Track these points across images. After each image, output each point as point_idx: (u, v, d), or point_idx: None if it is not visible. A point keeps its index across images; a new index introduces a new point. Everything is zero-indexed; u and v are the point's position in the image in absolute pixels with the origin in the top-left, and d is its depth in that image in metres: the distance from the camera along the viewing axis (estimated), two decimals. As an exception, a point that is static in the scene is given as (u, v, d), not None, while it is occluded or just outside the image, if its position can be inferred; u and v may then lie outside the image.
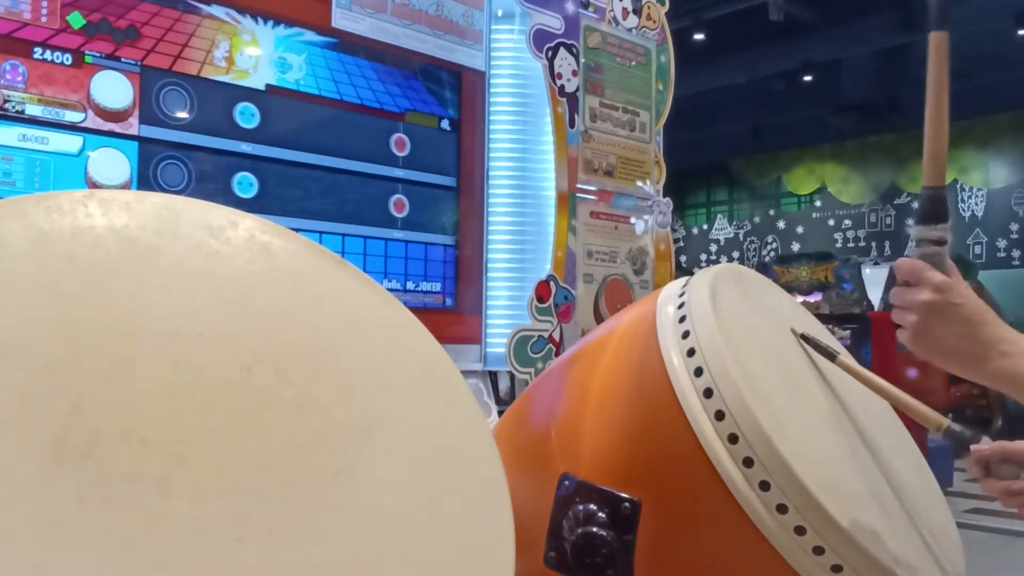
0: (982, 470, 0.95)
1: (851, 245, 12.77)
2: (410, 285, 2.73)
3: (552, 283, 2.88)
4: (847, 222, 13.01)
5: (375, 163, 2.66)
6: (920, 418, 1.03)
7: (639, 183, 3.21)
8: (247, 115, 2.39)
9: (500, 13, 2.93)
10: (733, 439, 0.91)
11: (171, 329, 0.75)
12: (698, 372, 0.95)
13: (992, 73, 9.23)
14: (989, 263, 11.11)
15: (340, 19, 2.56)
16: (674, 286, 1.12)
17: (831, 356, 1.14)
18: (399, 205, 2.71)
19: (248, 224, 0.86)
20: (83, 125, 2.10)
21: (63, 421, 0.65)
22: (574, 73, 2.98)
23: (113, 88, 2.15)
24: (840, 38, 9.18)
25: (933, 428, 1.00)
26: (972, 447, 0.95)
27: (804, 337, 1.17)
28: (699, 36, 8.75)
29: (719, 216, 14.55)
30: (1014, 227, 11.25)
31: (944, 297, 0.89)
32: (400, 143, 2.71)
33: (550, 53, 2.91)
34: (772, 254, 13.32)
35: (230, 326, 0.78)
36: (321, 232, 2.52)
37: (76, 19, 2.09)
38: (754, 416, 0.90)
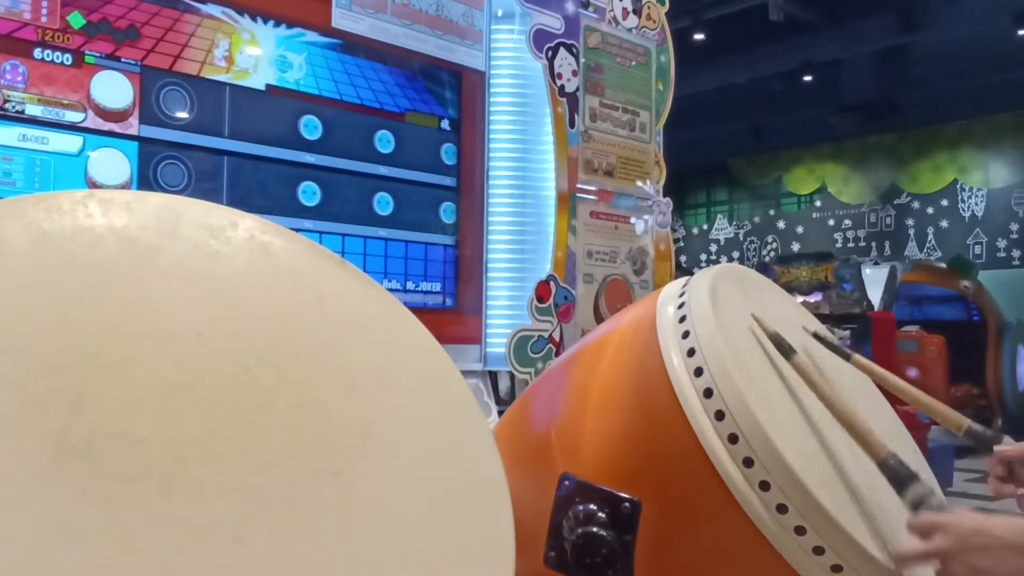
0: (1004, 470, 0.94)
1: (851, 245, 12.76)
2: (410, 285, 2.73)
3: (552, 283, 2.88)
4: (847, 222, 13.01)
5: (374, 163, 2.66)
6: (941, 418, 1.02)
7: (639, 183, 3.21)
8: (245, 114, 2.39)
9: (500, 13, 2.93)
10: (733, 439, 0.91)
11: (171, 329, 0.75)
12: (698, 372, 0.95)
13: (992, 73, 9.23)
14: (989, 263, 11.10)
15: (340, 19, 2.56)
16: (674, 286, 1.12)
17: (846, 356, 1.14)
18: (399, 205, 2.71)
19: (248, 224, 0.86)
20: (83, 125, 2.10)
21: (63, 421, 0.65)
22: (574, 73, 2.98)
23: (113, 88, 2.15)
24: (840, 38, 9.18)
25: (954, 428, 1.00)
26: (996, 448, 0.94)
27: (817, 336, 1.17)
28: (699, 36, 8.75)
29: (719, 216, 14.55)
30: (1014, 227, 11.24)
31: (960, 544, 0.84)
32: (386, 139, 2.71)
33: (550, 53, 2.91)
34: (772, 254, 13.31)
35: (230, 326, 0.78)
36: (321, 232, 2.52)
37: (76, 19, 2.09)
38: (754, 416, 0.90)
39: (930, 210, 11.95)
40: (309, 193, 2.51)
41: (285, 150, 2.46)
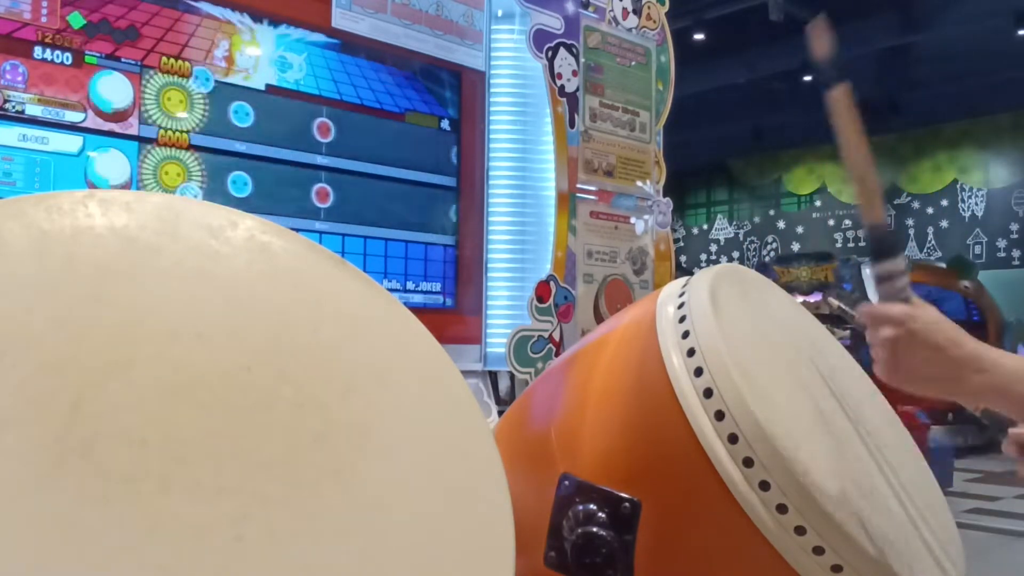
0: (1019, 451, 0.95)
1: (851, 245, 12.76)
2: (410, 285, 2.73)
3: (552, 283, 2.88)
4: (847, 222, 13.01)
5: (374, 163, 2.66)
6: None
7: (639, 183, 3.21)
8: (241, 114, 2.39)
9: (500, 13, 2.93)
10: (733, 439, 0.91)
11: (171, 329, 0.75)
12: (698, 372, 0.95)
13: (992, 73, 9.23)
14: (989, 263, 11.10)
15: (340, 19, 2.56)
16: (674, 286, 1.12)
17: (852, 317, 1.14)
18: (399, 205, 2.71)
19: (248, 224, 0.86)
20: (83, 125, 2.10)
21: (63, 421, 0.65)
22: (574, 73, 2.98)
23: (113, 88, 2.15)
24: (840, 38, 9.17)
25: (972, 407, 1.00)
26: (1011, 430, 0.95)
27: (840, 297, 1.16)
28: (699, 36, 8.75)
29: (719, 216, 14.55)
30: (1014, 227, 11.25)
31: (905, 328, 0.89)
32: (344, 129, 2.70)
33: (550, 53, 2.91)
34: (772, 254, 13.31)
35: (230, 326, 0.78)
36: (321, 232, 2.52)
37: (76, 19, 2.09)
38: (754, 416, 0.90)
39: (930, 210, 11.95)
40: (312, 194, 2.51)
41: (285, 150, 2.46)
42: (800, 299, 7.49)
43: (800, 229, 13.52)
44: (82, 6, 2.10)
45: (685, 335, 1.00)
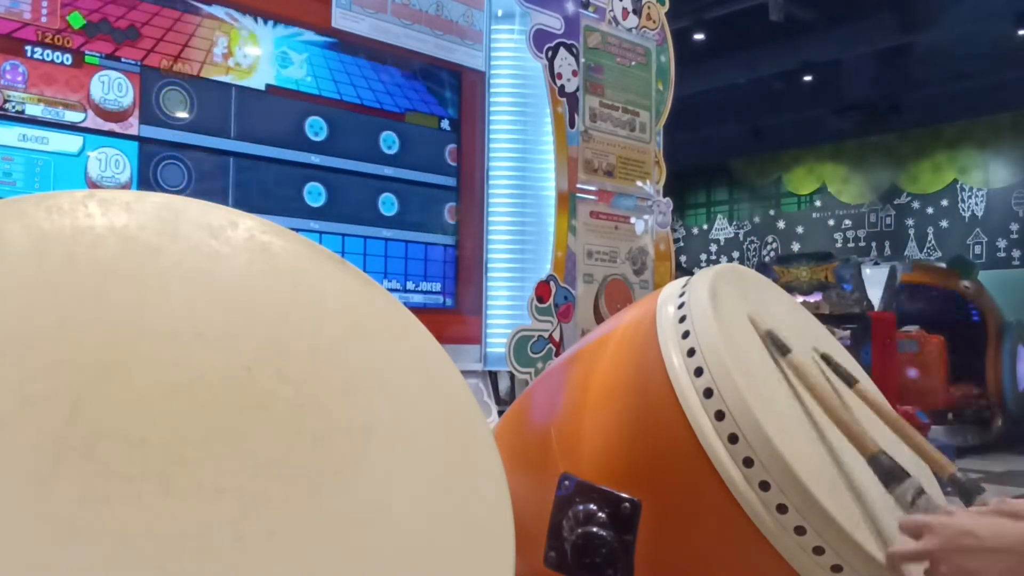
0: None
1: (851, 245, 12.75)
2: (410, 285, 2.73)
3: (552, 283, 2.88)
4: (847, 222, 13.01)
5: (375, 163, 2.66)
6: (929, 461, 1.03)
7: (639, 183, 3.21)
8: (241, 114, 2.39)
9: (500, 13, 2.93)
10: (733, 439, 0.91)
11: (171, 329, 0.75)
12: (698, 372, 0.95)
13: (992, 73, 9.23)
14: (989, 263, 11.10)
15: (340, 19, 2.56)
16: (674, 286, 1.12)
17: (849, 382, 1.14)
18: (399, 205, 2.71)
19: (248, 224, 0.86)
20: (83, 125, 2.10)
21: (63, 421, 0.65)
22: (574, 73, 2.98)
23: (113, 88, 2.15)
24: (840, 38, 9.18)
25: (939, 471, 1.00)
26: (976, 499, 0.94)
27: (825, 358, 1.17)
28: (699, 36, 8.74)
29: (719, 216, 14.54)
30: (1014, 227, 11.24)
31: (939, 553, 0.82)
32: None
33: (550, 53, 2.91)
34: (772, 254, 13.31)
35: (230, 326, 0.78)
36: (321, 232, 2.52)
37: (76, 19, 2.09)
38: (754, 416, 0.90)
39: (930, 210, 11.94)
40: (313, 194, 2.51)
41: (285, 150, 2.46)
42: (800, 299, 7.49)
43: (800, 229, 13.51)
44: (82, 6, 2.10)
45: (685, 335, 1.00)
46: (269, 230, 0.87)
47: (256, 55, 2.40)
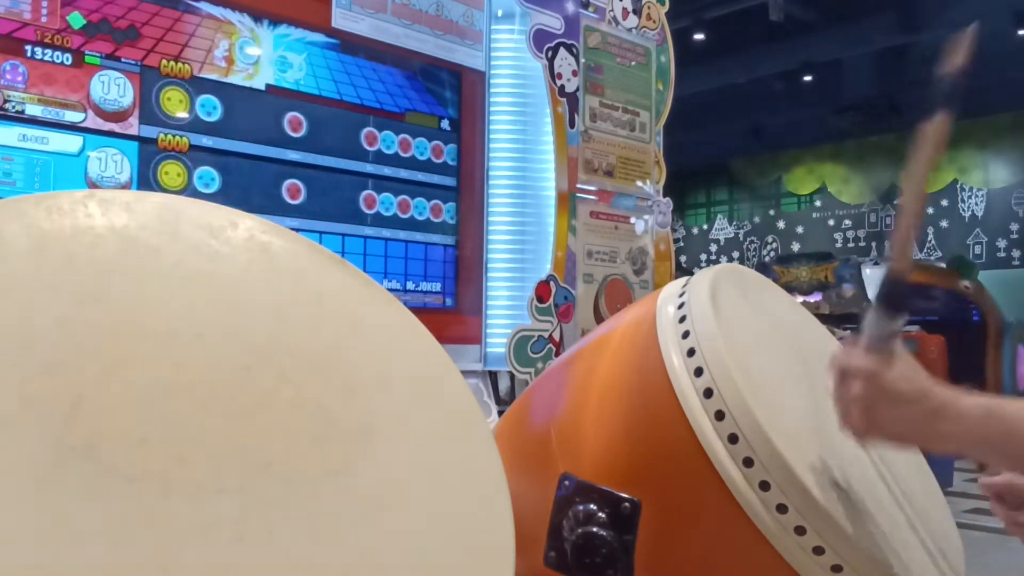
0: (994, 497, 0.94)
1: (851, 245, 12.76)
2: (410, 285, 2.73)
3: (552, 283, 2.88)
4: (847, 222, 13.01)
5: (374, 163, 2.66)
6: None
7: (639, 183, 3.21)
8: (241, 114, 2.39)
9: (500, 13, 2.93)
10: (733, 439, 0.91)
11: (171, 329, 0.75)
12: (698, 372, 0.95)
13: (992, 73, 9.23)
14: (989, 263, 11.10)
15: (340, 19, 2.56)
16: (674, 286, 1.12)
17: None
18: (399, 205, 2.71)
19: (248, 224, 0.86)
20: (83, 125, 2.10)
21: (63, 421, 0.65)
22: (574, 73, 2.98)
23: (113, 88, 2.15)
24: (840, 38, 9.18)
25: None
26: (981, 480, 0.93)
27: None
28: (699, 36, 8.75)
29: (719, 216, 14.55)
30: (1014, 227, 11.25)
31: (874, 383, 0.84)
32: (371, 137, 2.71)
33: (550, 53, 2.91)
34: (772, 254, 13.31)
35: (230, 326, 0.78)
36: (321, 232, 2.52)
37: (76, 19, 2.09)
38: (754, 416, 0.90)
39: (930, 210, 11.95)
40: (312, 193, 2.51)
41: (285, 150, 2.46)
42: (800, 299, 7.49)
43: (800, 229, 13.52)
44: (82, 6, 2.10)
45: (685, 335, 1.00)
46: (269, 230, 0.87)
47: (256, 55, 2.40)
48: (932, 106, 0.88)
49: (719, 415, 0.92)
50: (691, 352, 0.97)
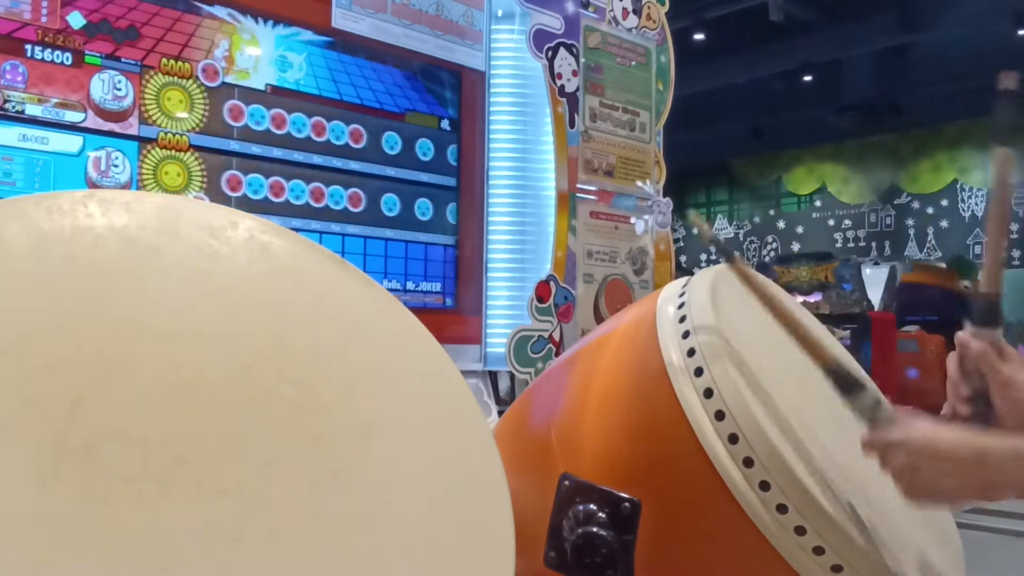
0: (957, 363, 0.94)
1: (851, 245, 12.76)
2: (410, 285, 2.72)
3: (552, 283, 2.88)
4: (847, 222, 13.01)
5: (374, 163, 2.66)
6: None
7: (639, 183, 3.21)
8: (241, 114, 2.39)
9: (500, 13, 2.93)
10: (733, 439, 0.91)
11: (171, 329, 0.75)
12: (698, 372, 0.95)
13: (992, 73, 9.20)
14: (989, 263, 11.08)
15: (340, 19, 2.56)
16: (674, 286, 1.12)
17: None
18: (399, 205, 2.71)
19: (248, 224, 0.86)
20: (83, 125, 2.10)
21: (63, 421, 0.65)
22: (574, 73, 2.98)
23: (113, 88, 2.15)
24: (840, 38, 9.18)
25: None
26: (959, 334, 0.94)
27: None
28: (699, 36, 8.74)
29: (719, 216, 14.55)
30: (1014, 227, 11.25)
31: (906, 450, 0.84)
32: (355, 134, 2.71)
33: (550, 53, 2.91)
34: (772, 254, 13.31)
35: (230, 326, 0.78)
36: (321, 232, 2.52)
37: (76, 19, 2.09)
38: (754, 416, 0.90)
39: (930, 210, 11.95)
40: (311, 193, 2.51)
41: (285, 150, 2.46)
42: (800, 299, 7.49)
43: (800, 229, 13.52)
44: (82, 6, 2.09)
45: (685, 335, 1.00)
46: (269, 230, 0.87)
47: (256, 55, 2.40)
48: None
49: (719, 415, 0.92)
50: (691, 352, 0.97)
